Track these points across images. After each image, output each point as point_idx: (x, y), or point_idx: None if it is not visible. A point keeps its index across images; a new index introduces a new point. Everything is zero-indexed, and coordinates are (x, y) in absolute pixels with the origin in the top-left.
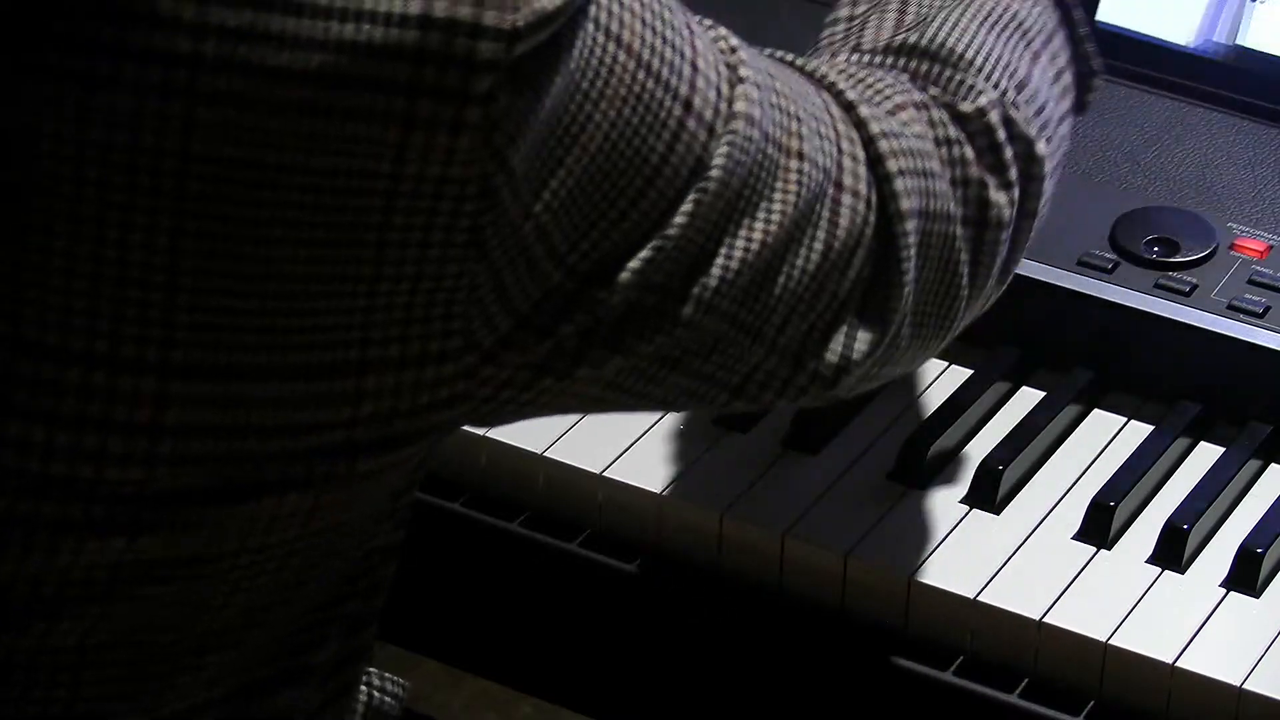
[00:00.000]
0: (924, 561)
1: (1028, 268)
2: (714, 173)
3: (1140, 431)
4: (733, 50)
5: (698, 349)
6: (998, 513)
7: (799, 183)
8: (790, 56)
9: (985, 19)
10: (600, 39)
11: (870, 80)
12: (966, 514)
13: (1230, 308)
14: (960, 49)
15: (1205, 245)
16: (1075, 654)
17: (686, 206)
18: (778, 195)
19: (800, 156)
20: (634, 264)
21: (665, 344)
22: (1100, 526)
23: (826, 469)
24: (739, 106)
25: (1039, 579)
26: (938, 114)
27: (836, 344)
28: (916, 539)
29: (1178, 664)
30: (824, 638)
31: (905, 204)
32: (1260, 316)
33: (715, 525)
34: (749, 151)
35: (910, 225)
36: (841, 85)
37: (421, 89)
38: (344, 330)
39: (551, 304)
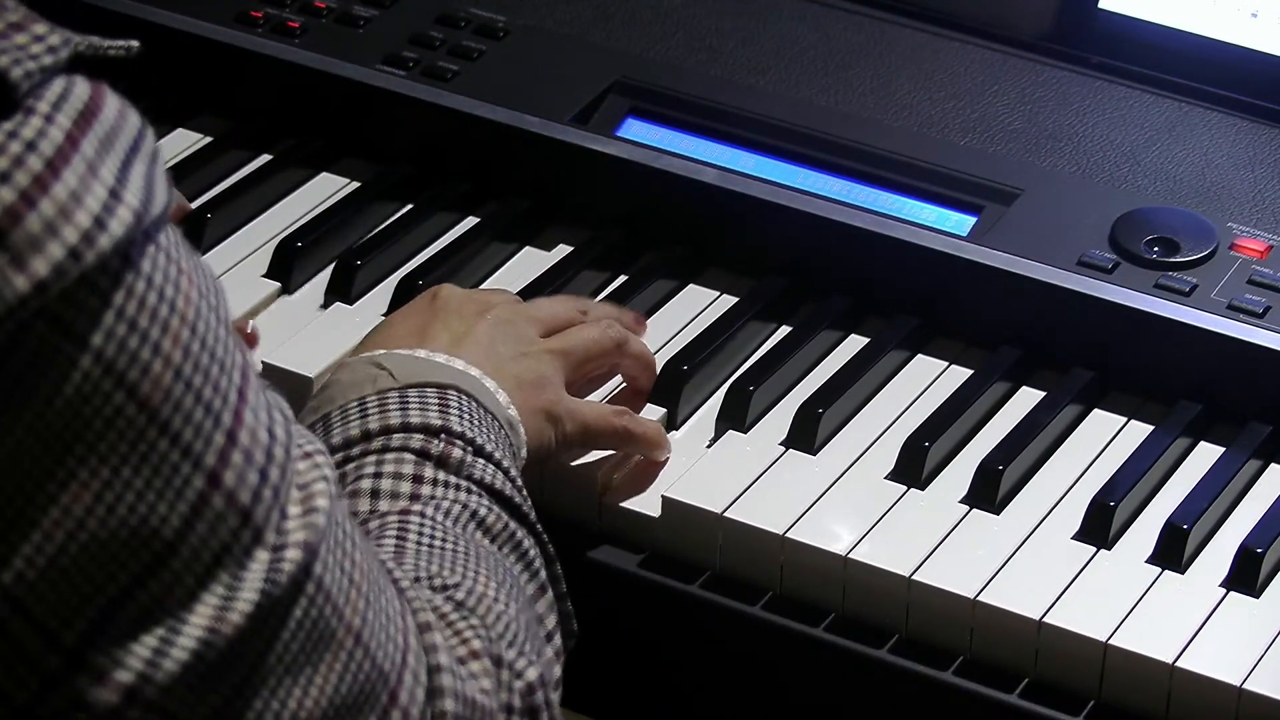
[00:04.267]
0: (924, 561)
1: (1028, 267)
2: (250, 588)
3: (1140, 431)
4: (324, 480)
5: None
6: (998, 513)
7: (346, 667)
8: (381, 552)
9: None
10: (98, 375)
11: (449, 616)
12: (966, 514)
13: (1230, 308)
14: (492, 614)
15: (1205, 245)
16: (1075, 654)
17: (206, 610)
18: (321, 669)
19: (358, 640)
20: (141, 659)
21: None
22: (1100, 526)
23: (826, 469)
24: (299, 535)
25: (1039, 579)
26: (507, 676)
27: None
28: (916, 539)
29: (1178, 664)
30: (824, 638)
31: None
32: (1260, 316)
33: (716, 525)
34: (304, 593)
35: None
36: (419, 605)
37: None
38: None
39: (58, 695)
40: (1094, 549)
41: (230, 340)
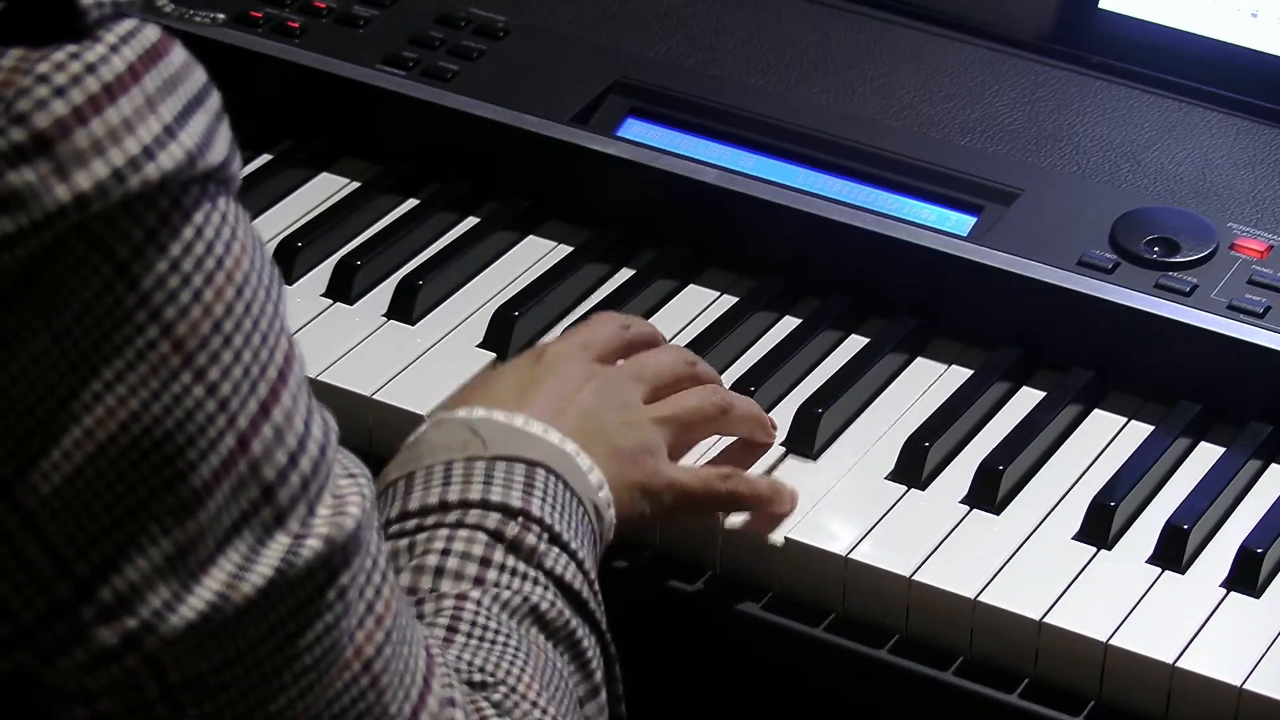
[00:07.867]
0: (924, 561)
1: (1028, 267)
2: (266, 563)
3: (1140, 431)
4: (361, 496)
5: None
6: (998, 513)
7: (348, 691)
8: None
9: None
10: (132, 305)
11: (484, 710)
12: (966, 514)
13: (1230, 308)
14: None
15: (1205, 245)
16: (1075, 654)
17: (220, 575)
18: (321, 683)
19: (366, 668)
20: (150, 608)
21: None
22: (1100, 526)
23: (826, 469)
24: (322, 529)
25: (1039, 579)
26: None
27: None
28: (916, 539)
29: (1178, 664)
30: (824, 638)
31: None
32: (1260, 316)
33: (715, 527)
34: (324, 597)
35: None
36: (449, 682)
37: None
38: None
39: (61, 624)
40: (1094, 549)
41: (279, 324)
